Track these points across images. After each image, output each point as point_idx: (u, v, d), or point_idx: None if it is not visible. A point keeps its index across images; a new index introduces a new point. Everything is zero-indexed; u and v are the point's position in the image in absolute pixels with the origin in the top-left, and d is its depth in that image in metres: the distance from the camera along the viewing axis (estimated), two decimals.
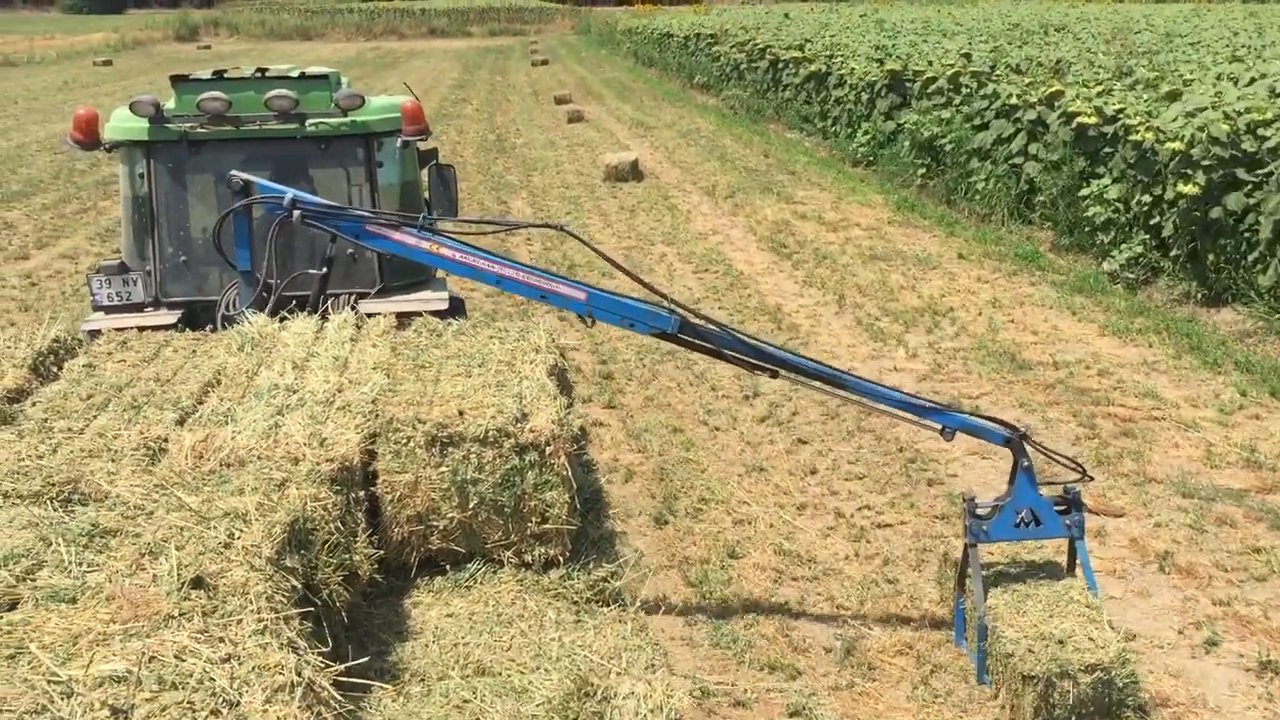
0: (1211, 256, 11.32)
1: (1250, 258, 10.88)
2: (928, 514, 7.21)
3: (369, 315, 5.85)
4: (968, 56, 20.58)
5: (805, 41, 28.03)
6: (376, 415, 4.52)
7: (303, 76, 6.89)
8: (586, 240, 6.27)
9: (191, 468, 4.11)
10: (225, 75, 6.99)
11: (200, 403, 4.73)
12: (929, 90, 18.83)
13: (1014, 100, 15.67)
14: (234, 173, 5.88)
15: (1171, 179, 11.46)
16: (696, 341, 5.88)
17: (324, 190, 6.58)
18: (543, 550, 4.52)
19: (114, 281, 6.73)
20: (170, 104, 6.74)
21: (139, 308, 6.73)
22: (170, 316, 6.57)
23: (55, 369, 5.22)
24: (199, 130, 6.65)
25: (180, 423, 4.50)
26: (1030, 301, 11.52)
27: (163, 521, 3.56)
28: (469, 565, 4.51)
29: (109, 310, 6.72)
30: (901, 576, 6.55)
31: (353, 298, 6.67)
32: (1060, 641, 5.10)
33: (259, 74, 6.94)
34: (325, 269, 6.41)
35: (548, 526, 4.49)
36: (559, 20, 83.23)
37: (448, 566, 4.51)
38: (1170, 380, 9.37)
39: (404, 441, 4.41)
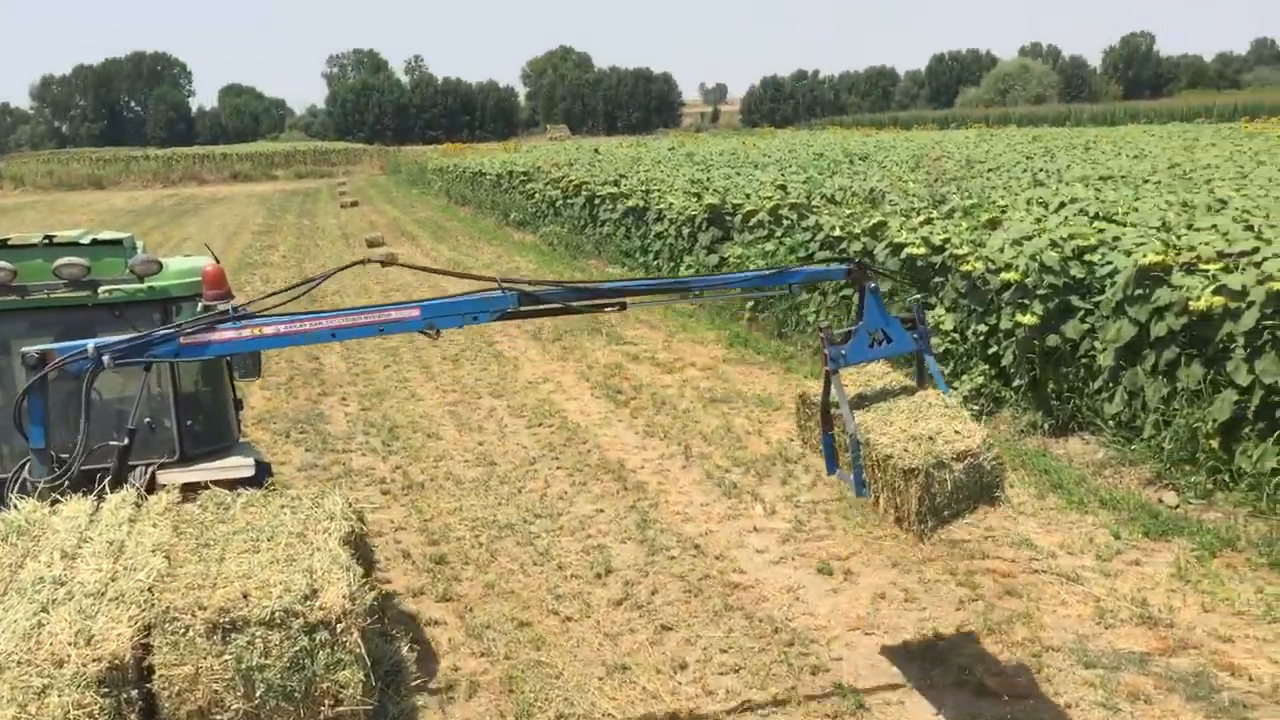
0: (1053, 385, 11.15)
1: (1094, 385, 10.73)
2: (818, 713, 6.36)
3: (164, 487, 5.64)
4: (784, 188, 20.73)
5: (620, 177, 28.04)
6: (152, 604, 4.28)
7: (94, 242, 6.65)
8: (397, 261, 6.44)
9: None
10: (9, 243, 6.67)
11: None
12: (750, 224, 18.76)
13: (838, 232, 15.61)
14: (25, 349, 5.52)
15: (1008, 309, 11.32)
16: (541, 307, 6.02)
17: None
18: None
19: None
20: None
21: None
22: None
23: None
24: None
25: None
26: None
27: None
28: None
29: None
30: None
31: (150, 469, 6.36)
32: (930, 437, 5.66)
33: (47, 240, 6.68)
34: (127, 440, 6.02)
35: (342, 709, 4.26)
36: (367, 161, 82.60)
37: None
38: (1039, 524, 8.93)
39: (182, 631, 4.19)
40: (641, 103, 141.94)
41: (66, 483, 5.59)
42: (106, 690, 3.92)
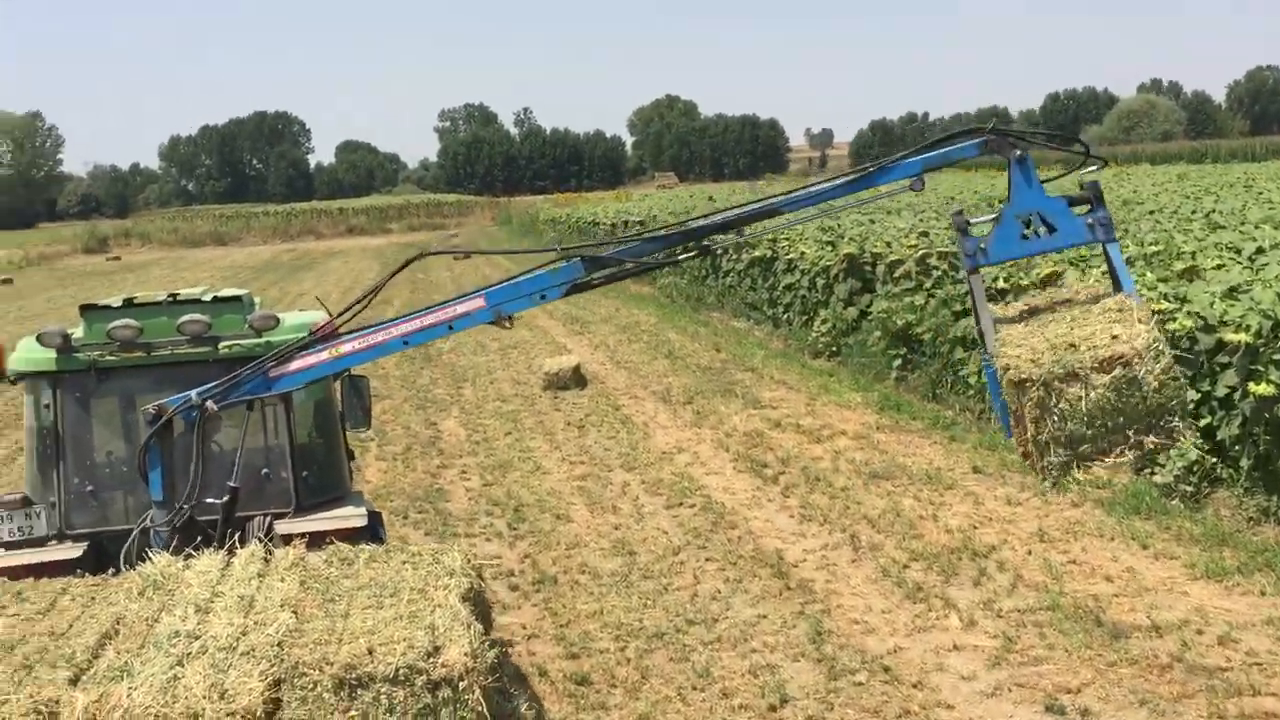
0: None
1: None
2: None
3: (284, 537, 5.95)
4: (926, 235, 19.23)
5: (760, 232, 26.77)
6: (282, 659, 4.42)
7: (215, 300, 6.88)
8: (451, 249, 5.88)
9: None
10: (135, 301, 6.91)
11: (96, 656, 4.63)
12: (895, 274, 17.31)
13: (1001, 284, 14.07)
14: (146, 407, 6.21)
15: (1235, 374, 9.68)
16: (618, 270, 5.72)
17: (237, 411, 6.60)
18: None
19: (15, 516, 6.56)
20: (78, 332, 6.72)
21: (41, 542, 6.52)
22: (75, 550, 6.37)
23: None
24: (108, 358, 6.61)
25: (74, 681, 4.40)
26: (1084, 531, 9.40)
27: None
28: None
29: (9, 546, 6.50)
30: None
31: (268, 519, 6.52)
32: (1071, 345, 4.94)
33: (170, 299, 6.91)
34: (229, 496, 6.39)
35: None
36: (479, 212, 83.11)
37: None
38: None
39: (310, 686, 4.30)
40: (748, 149, 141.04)
41: (175, 527, 6.11)
42: None
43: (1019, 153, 5.56)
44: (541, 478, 12.68)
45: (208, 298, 6.97)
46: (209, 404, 6.17)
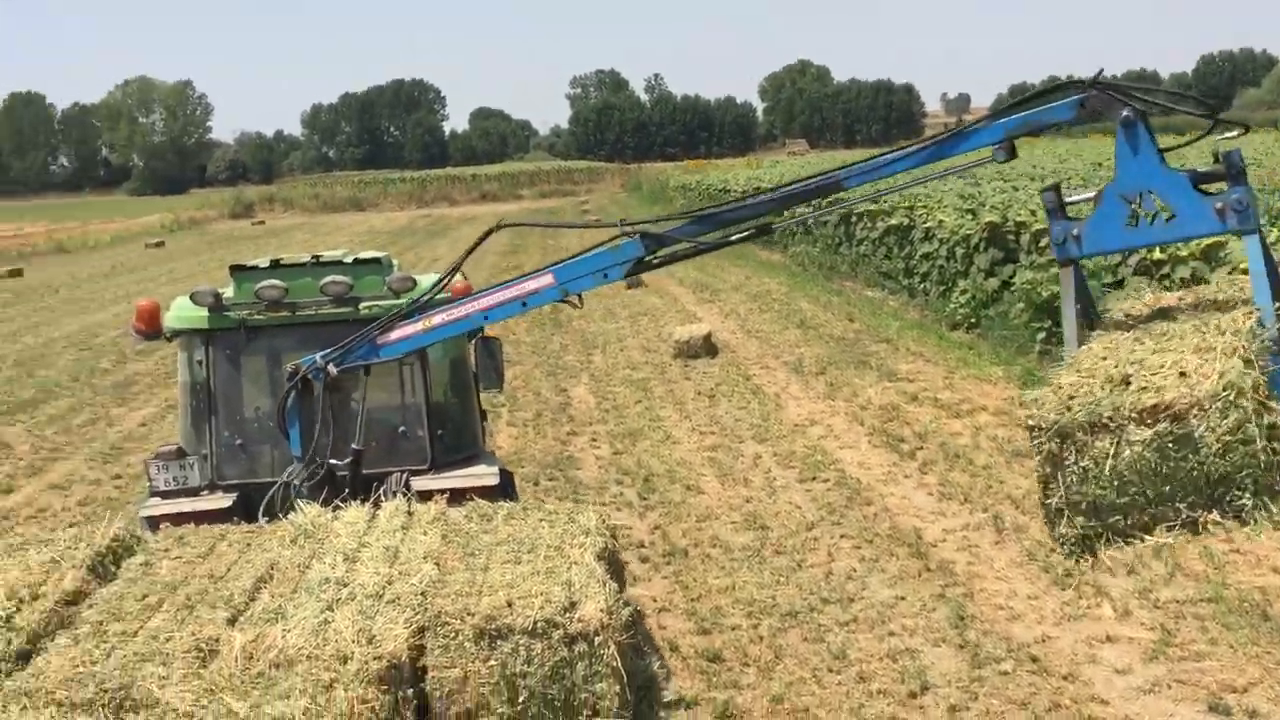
0: None
1: None
2: None
3: (420, 493, 6.12)
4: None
5: (878, 192, 26.07)
6: (425, 609, 4.53)
7: (356, 261, 7.02)
8: (526, 221, 5.89)
9: (241, 670, 4.18)
10: (281, 263, 7.06)
11: (252, 599, 4.82)
12: (1040, 244, 16.57)
13: (1157, 253, 13.33)
14: (286, 365, 6.48)
15: None
16: (678, 249, 5.65)
17: (375, 370, 6.69)
18: None
19: (171, 467, 6.83)
20: (229, 292, 6.91)
21: (195, 492, 6.80)
22: (225, 500, 6.64)
23: (113, 567, 5.34)
24: (256, 317, 6.84)
25: (232, 622, 4.59)
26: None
27: None
28: None
29: (166, 495, 6.77)
30: None
31: (404, 476, 6.69)
32: (1124, 380, 4.12)
33: (314, 260, 7.07)
34: (352, 458, 6.57)
35: (599, 719, 4.39)
36: (608, 179, 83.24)
37: None
38: None
39: (452, 635, 4.39)
40: (882, 115, 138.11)
41: (313, 482, 6.32)
42: (385, 688, 4.15)
43: (1126, 113, 4.44)
44: (672, 447, 12.55)
45: (349, 260, 7.09)
46: (330, 367, 6.35)
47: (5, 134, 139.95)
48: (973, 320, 18.00)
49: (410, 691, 4.34)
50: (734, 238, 5.87)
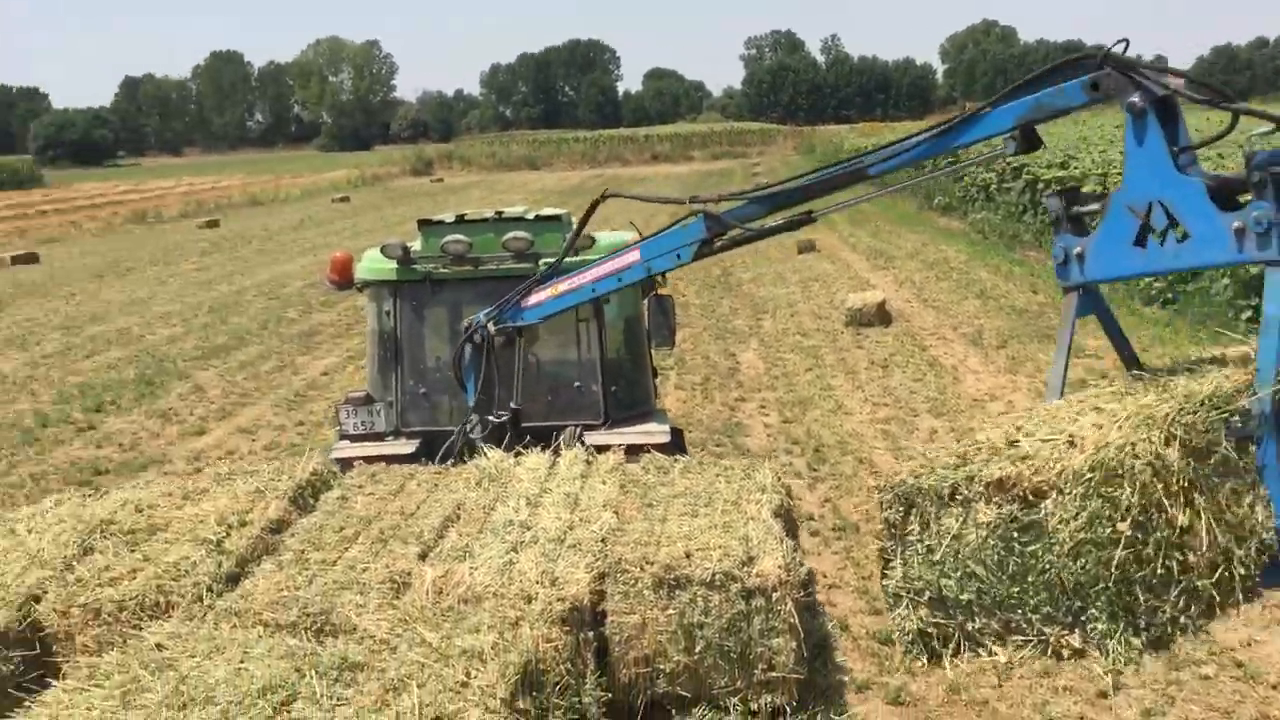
0: None
1: None
2: None
3: (595, 448, 6.11)
4: None
5: (1068, 158, 24.83)
6: (605, 555, 4.61)
7: (537, 218, 7.08)
8: (627, 193, 6.40)
9: (432, 603, 4.33)
10: (466, 218, 7.20)
11: (441, 537, 5.00)
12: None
13: None
14: (465, 321, 6.71)
15: None
16: (740, 235, 5.50)
17: (550, 327, 6.88)
18: (769, 698, 4.40)
19: (359, 411, 7.10)
20: (416, 245, 7.10)
21: (381, 437, 7.05)
22: (409, 446, 6.82)
23: (312, 500, 5.61)
24: (441, 270, 7.01)
25: (422, 557, 4.76)
26: None
27: (405, 658, 3.83)
28: (694, 711, 4.44)
29: (354, 439, 7.05)
30: None
31: (578, 430, 6.76)
32: (1011, 445, 3.49)
33: (497, 216, 7.18)
34: (509, 415, 6.69)
35: (774, 674, 4.39)
36: (781, 141, 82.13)
37: (673, 711, 4.46)
38: None
39: (632, 582, 4.44)
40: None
41: (486, 433, 6.51)
42: (568, 628, 4.24)
43: (1133, 99, 3.56)
44: (843, 418, 12.22)
45: (530, 216, 7.16)
46: (490, 325, 6.49)
47: (207, 91, 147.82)
48: (1169, 296, 16.96)
49: (591, 634, 4.42)
50: (771, 225, 5.52)
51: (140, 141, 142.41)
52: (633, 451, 6.10)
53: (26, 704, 3.87)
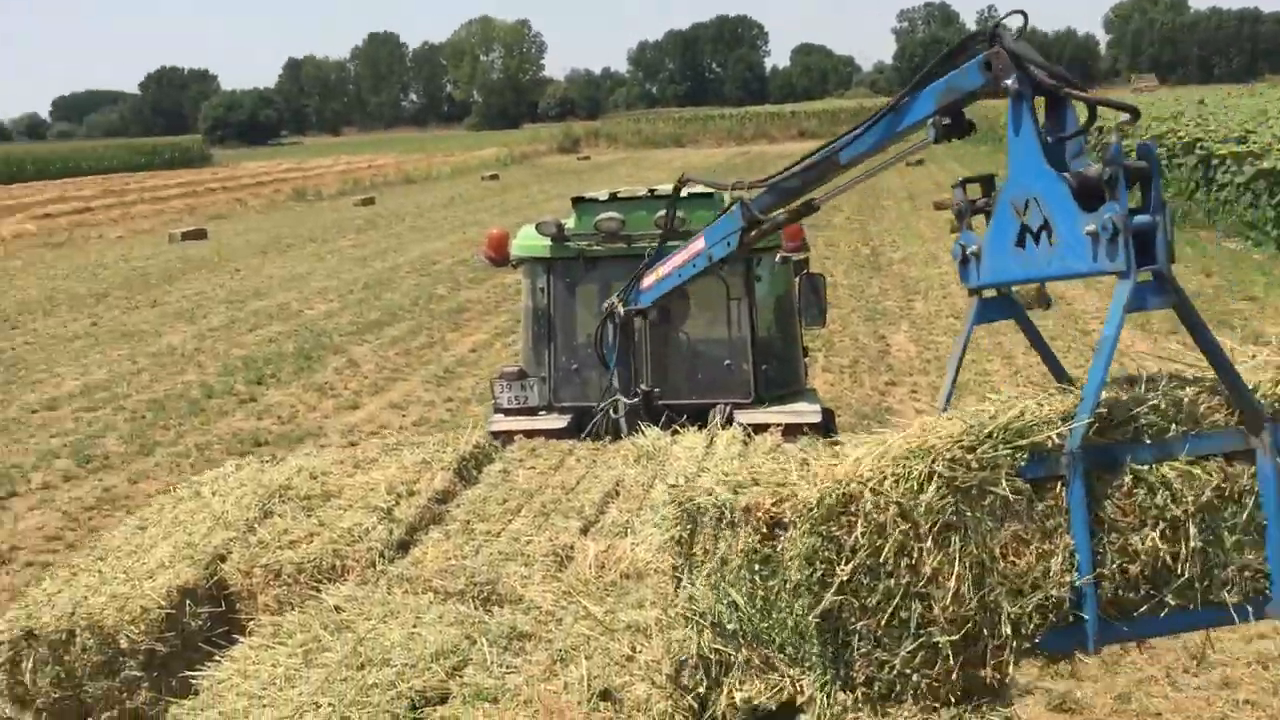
0: None
1: None
2: None
3: (745, 427, 6.03)
4: None
5: (1247, 133, 23.46)
6: None
7: (690, 196, 6.91)
8: (701, 178, 6.49)
9: (595, 577, 4.34)
10: (619, 195, 7.25)
11: (601, 513, 5.05)
12: None
13: None
14: (606, 301, 6.77)
15: None
16: (777, 219, 5.38)
17: (700, 304, 7.08)
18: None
19: (513, 386, 7.17)
20: (570, 223, 7.13)
21: (534, 411, 7.12)
22: (561, 421, 6.93)
23: (475, 472, 5.73)
24: (595, 248, 7.05)
25: (584, 531, 4.81)
26: None
27: (571, 629, 3.84)
28: None
29: (509, 413, 7.12)
30: None
31: (728, 409, 6.71)
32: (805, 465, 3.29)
33: (650, 193, 7.23)
34: (640, 396, 6.75)
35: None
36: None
37: None
38: None
39: None
40: (1245, 47, 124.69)
41: (629, 411, 6.60)
42: None
43: (1008, 82, 3.35)
44: None
45: (684, 193, 7.03)
46: (620, 306, 6.56)
47: (364, 71, 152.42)
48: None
49: None
50: (779, 215, 5.42)
51: (302, 121, 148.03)
52: (789, 432, 6.05)
53: (216, 658, 4.05)
